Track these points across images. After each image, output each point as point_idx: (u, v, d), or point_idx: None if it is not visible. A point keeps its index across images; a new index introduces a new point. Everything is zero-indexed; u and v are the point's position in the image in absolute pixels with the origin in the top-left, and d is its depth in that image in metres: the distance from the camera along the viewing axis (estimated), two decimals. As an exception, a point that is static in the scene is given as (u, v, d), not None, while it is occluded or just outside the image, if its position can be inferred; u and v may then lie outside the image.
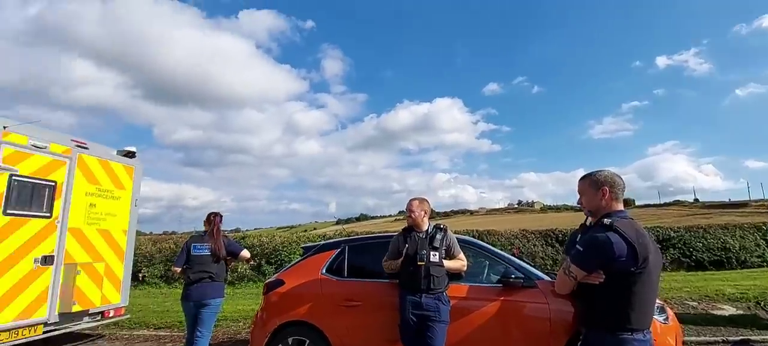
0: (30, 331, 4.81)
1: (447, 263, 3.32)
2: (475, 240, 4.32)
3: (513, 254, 4.24)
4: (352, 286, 3.73)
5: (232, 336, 5.85)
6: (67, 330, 5.32)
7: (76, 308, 5.12)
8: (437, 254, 3.29)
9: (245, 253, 4.47)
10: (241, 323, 6.26)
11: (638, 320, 1.74)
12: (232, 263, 4.63)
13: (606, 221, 1.83)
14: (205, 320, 4.03)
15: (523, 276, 3.39)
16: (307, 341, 3.61)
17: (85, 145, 5.55)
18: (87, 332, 6.24)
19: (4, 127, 4.60)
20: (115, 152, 6.07)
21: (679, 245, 12.49)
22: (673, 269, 12.10)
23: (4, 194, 4.55)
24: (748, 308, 6.12)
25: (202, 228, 4.43)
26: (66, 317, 5.18)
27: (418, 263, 3.24)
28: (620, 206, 1.95)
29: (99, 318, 5.66)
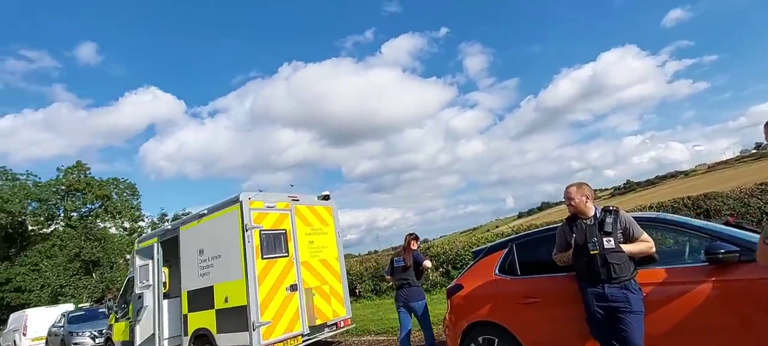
0: (293, 341, 6.54)
1: (626, 248, 3.03)
2: (663, 215, 3.73)
3: (728, 223, 3.44)
4: (526, 283, 3.76)
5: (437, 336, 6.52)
6: (316, 339, 6.99)
7: (318, 322, 6.69)
8: (612, 239, 3.04)
9: (427, 262, 5.44)
10: (439, 327, 6.89)
11: None
12: (424, 270, 5.57)
13: None
14: (421, 319, 5.25)
15: (737, 249, 2.76)
16: (497, 340, 3.81)
17: (297, 199, 7.28)
18: (328, 340, 7.99)
19: (249, 198, 6.52)
20: (317, 198, 7.71)
21: None
22: None
23: (260, 244, 6.42)
24: None
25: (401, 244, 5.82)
26: (313, 329, 6.82)
27: (591, 253, 3.07)
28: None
29: (334, 329, 7.21)
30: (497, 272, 4.02)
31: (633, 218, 3.17)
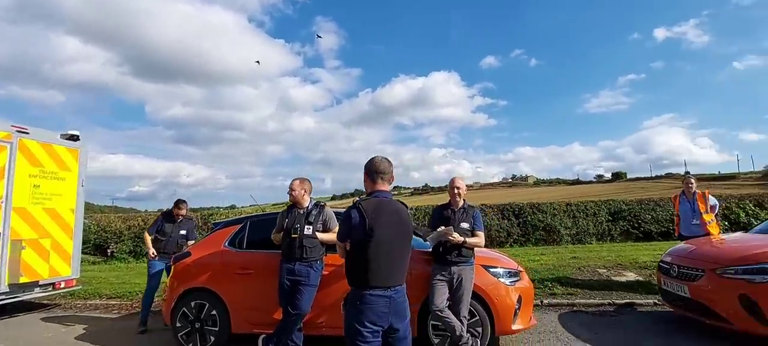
0: (-21, 300, 5.32)
1: (320, 236, 3.80)
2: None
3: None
4: (246, 256, 4.23)
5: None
6: (19, 299, 5.86)
7: (23, 280, 5.63)
8: (311, 227, 3.77)
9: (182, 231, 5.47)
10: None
11: (375, 279, 2.19)
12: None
13: (355, 200, 2.28)
14: None
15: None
16: (207, 305, 4.13)
17: (25, 130, 5.93)
18: (45, 301, 6.80)
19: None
20: (59, 136, 6.45)
21: (629, 217, 13.10)
22: (621, 239, 12.77)
23: (-55, 177, 4.97)
24: (650, 274, 6.68)
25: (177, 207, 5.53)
26: (16, 287, 5.70)
27: (293, 236, 3.72)
28: (378, 188, 2.37)
29: (50, 289, 6.19)
30: (226, 244, 4.36)
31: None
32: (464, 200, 3.94)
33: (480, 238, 3.73)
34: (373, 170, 2.37)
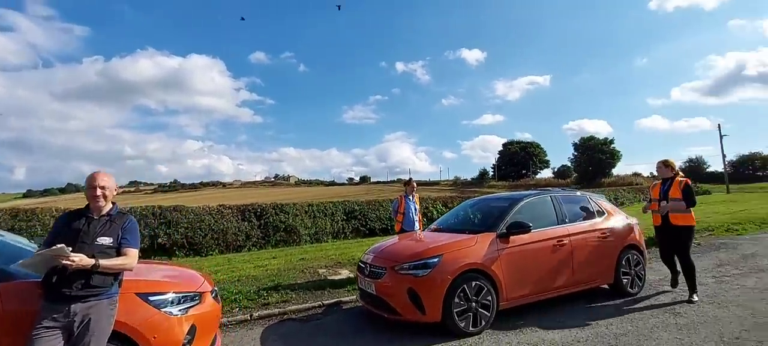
0: None
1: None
2: None
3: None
4: None
5: None
6: None
7: None
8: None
9: None
10: None
11: None
12: None
13: None
14: None
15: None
16: None
17: None
18: None
19: None
20: None
21: (359, 216, 14.77)
22: (352, 236, 14.22)
23: None
24: (361, 270, 7.26)
25: None
26: None
27: None
28: None
29: None
30: None
31: None
32: (114, 205, 2.79)
33: (129, 257, 2.67)
34: None
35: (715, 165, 66.25)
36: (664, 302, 4.88)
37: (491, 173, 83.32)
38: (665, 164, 5.21)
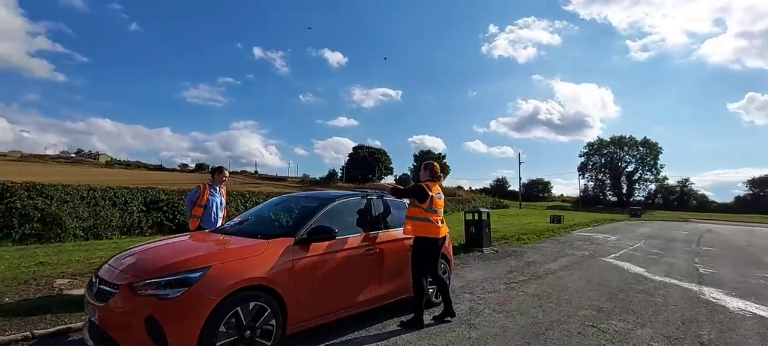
0: None
1: None
2: None
3: None
4: None
5: None
6: None
7: None
8: None
9: None
10: None
11: None
12: None
13: None
14: None
15: None
16: None
17: None
18: None
19: None
20: None
21: (166, 209, 12.14)
22: (151, 232, 11.52)
23: None
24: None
25: None
26: None
27: None
28: None
29: None
30: None
31: None
32: None
33: None
34: None
35: (514, 185, 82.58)
36: (462, 311, 4.79)
37: (340, 174, 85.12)
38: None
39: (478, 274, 7.06)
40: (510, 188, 77.92)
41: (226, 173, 5.72)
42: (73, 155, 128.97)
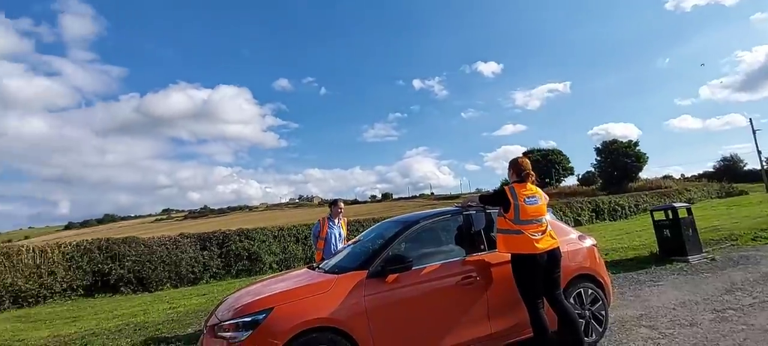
0: None
1: None
2: None
3: None
4: None
5: None
6: None
7: None
8: None
9: None
10: None
11: None
12: None
13: None
14: None
15: None
16: None
17: None
18: None
19: None
20: None
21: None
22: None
23: None
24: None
25: None
26: None
27: None
28: None
29: None
30: None
31: None
32: None
33: None
34: None
35: (751, 162, 60.63)
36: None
37: (512, 184, 79.85)
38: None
39: (671, 296, 5.08)
40: (746, 168, 57.10)
41: (341, 204, 5.87)
42: (297, 200, 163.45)
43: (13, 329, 6.54)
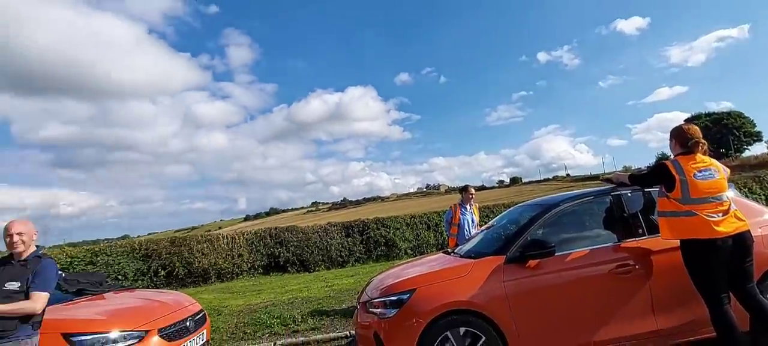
0: None
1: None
2: None
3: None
4: None
5: None
6: None
7: None
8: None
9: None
10: None
11: None
12: None
13: None
14: None
15: None
16: None
17: None
18: None
19: None
20: None
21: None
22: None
23: None
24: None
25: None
26: None
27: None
28: None
29: None
30: None
31: None
32: (37, 248, 2.99)
33: (33, 301, 2.78)
34: None
35: None
36: None
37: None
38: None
39: None
40: None
41: (472, 190, 5.87)
42: (424, 189, 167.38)
43: (219, 298, 8.48)
